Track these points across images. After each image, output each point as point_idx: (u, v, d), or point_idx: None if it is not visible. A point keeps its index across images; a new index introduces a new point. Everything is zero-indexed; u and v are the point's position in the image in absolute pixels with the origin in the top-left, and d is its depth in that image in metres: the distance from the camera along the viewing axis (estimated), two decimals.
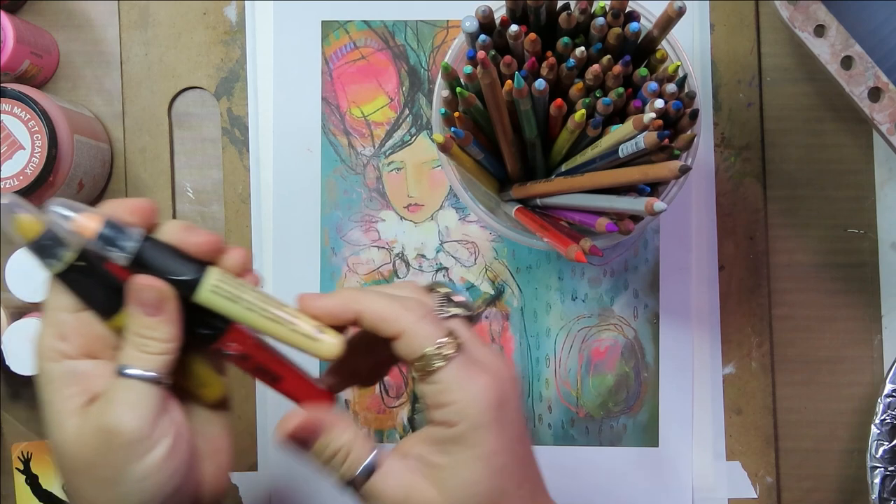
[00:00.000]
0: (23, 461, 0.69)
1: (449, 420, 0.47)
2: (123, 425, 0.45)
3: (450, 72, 0.54)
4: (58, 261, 0.46)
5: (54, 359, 0.47)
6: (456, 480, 0.47)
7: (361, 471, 0.48)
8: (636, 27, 0.52)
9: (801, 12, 0.58)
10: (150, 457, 0.46)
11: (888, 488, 0.65)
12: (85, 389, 0.47)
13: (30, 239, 0.45)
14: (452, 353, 0.47)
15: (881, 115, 0.57)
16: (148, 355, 0.47)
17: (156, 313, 0.47)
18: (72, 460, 0.47)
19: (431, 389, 0.47)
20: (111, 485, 0.46)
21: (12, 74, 0.66)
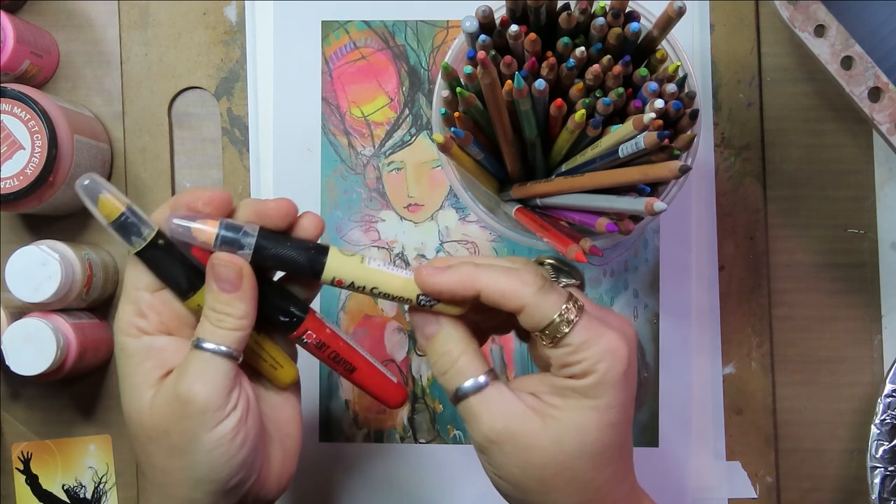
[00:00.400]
0: (23, 461, 0.69)
1: (577, 374, 0.48)
2: (197, 394, 0.48)
3: (450, 72, 0.54)
4: (140, 238, 0.49)
5: (133, 334, 0.50)
6: (566, 423, 0.48)
7: (467, 385, 0.49)
8: (636, 27, 0.52)
9: (801, 12, 0.58)
10: (220, 427, 0.48)
11: (888, 488, 0.65)
12: (161, 363, 0.50)
13: (111, 219, 0.48)
14: (576, 317, 0.48)
15: (881, 115, 0.57)
16: (223, 330, 0.49)
17: (232, 290, 0.49)
18: (147, 429, 0.49)
19: (561, 352, 0.48)
20: (182, 453, 0.48)
21: (12, 74, 0.66)
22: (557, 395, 0.49)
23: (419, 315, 0.50)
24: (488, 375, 0.49)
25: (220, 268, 0.49)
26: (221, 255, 0.49)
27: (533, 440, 0.48)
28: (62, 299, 0.64)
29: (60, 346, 0.63)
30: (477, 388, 0.49)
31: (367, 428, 0.69)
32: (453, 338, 0.50)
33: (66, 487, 0.69)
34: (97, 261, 0.67)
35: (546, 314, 0.48)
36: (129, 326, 0.50)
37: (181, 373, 0.49)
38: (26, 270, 0.63)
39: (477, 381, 0.49)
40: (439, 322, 0.50)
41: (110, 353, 0.69)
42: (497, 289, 0.49)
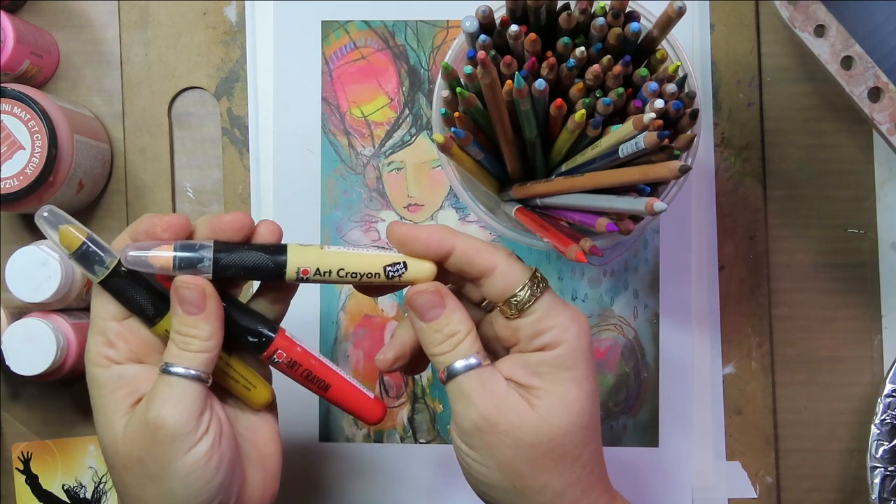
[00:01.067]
0: (23, 461, 0.69)
1: (548, 343, 0.49)
2: (166, 419, 0.47)
3: (450, 72, 0.54)
4: (103, 267, 0.49)
5: (103, 364, 0.50)
6: (552, 398, 0.49)
7: (465, 364, 0.49)
8: (636, 27, 0.52)
9: (801, 12, 0.58)
10: (193, 452, 0.48)
11: (888, 488, 0.65)
12: (132, 391, 0.50)
13: (72, 249, 0.48)
14: (542, 290, 0.50)
15: (881, 115, 0.57)
16: (190, 353, 0.49)
17: (197, 311, 0.49)
18: (122, 458, 0.49)
19: (528, 321, 0.49)
20: (158, 480, 0.48)
21: (12, 74, 0.66)
22: (534, 374, 0.49)
23: (423, 296, 0.50)
24: (481, 356, 0.50)
25: (183, 290, 0.49)
26: (184, 278, 0.49)
27: (523, 419, 0.48)
28: (62, 299, 0.64)
29: (60, 346, 0.63)
30: (471, 367, 0.49)
31: (367, 428, 0.69)
32: (460, 317, 0.50)
33: (66, 487, 0.69)
34: None
35: (518, 278, 0.49)
36: (99, 357, 0.50)
37: (150, 399, 0.48)
38: (26, 270, 0.63)
39: (473, 360, 0.49)
40: (444, 302, 0.50)
41: None
42: (470, 246, 0.50)
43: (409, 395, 0.69)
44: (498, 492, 0.49)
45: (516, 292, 0.49)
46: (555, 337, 0.49)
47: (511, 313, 0.50)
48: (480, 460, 0.49)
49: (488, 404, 0.48)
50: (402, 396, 0.69)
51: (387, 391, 0.69)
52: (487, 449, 0.48)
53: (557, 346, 0.49)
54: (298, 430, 0.68)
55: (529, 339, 0.50)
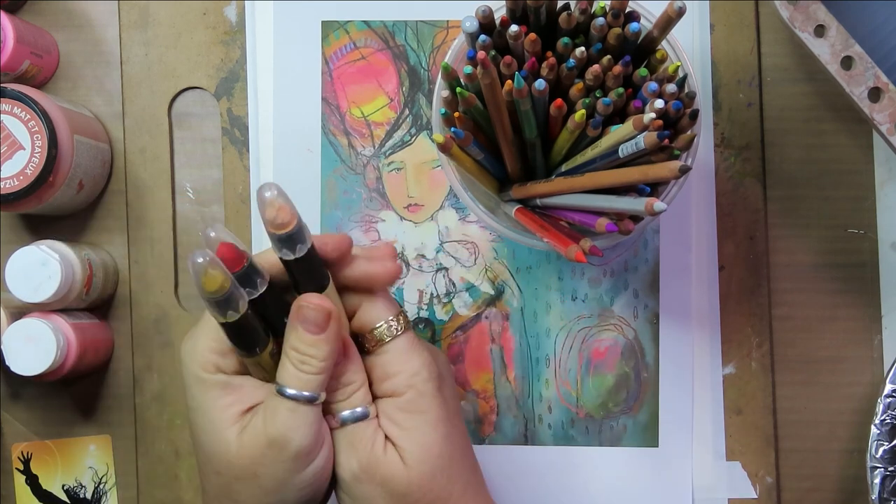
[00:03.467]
0: (23, 461, 0.69)
1: (396, 390, 0.51)
2: (294, 441, 0.49)
3: (450, 72, 0.54)
4: (234, 311, 0.48)
5: (211, 370, 0.51)
6: (413, 447, 0.51)
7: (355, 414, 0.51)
8: (636, 27, 0.52)
9: (801, 12, 0.58)
10: (312, 467, 0.50)
11: (888, 488, 0.65)
12: (241, 399, 0.51)
13: (211, 293, 0.47)
14: (402, 329, 0.52)
15: (881, 115, 0.57)
16: (306, 375, 0.50)
17: (318, 331, 0.50)
18: (235, 469, 0.50)
19: (380, 360, 0.52)
20: (273, 492, 0.50)
21: (12, 74, 0.66)
22: (393, 423, 0.51)
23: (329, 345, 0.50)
24: (370, 407, 0.52)
25: (307, 310, 0.50)
26: (308, 298, 0.50)
27: (394, 471, 0.50)
28: (62, 299, 0.64)
29: (60, 346, 0.63)
30: (360, 417, 0.51)
31: None
32: (356, 367, 0.52)
33: (66, 487, 0.69)
34: (97, 261, 0.67)
35: (377, 316, 0.52)
36: (208, 363, 0.51)
37: (269, 418, 0.50)
38: (26, 270, 0.63)
39: (361, 410, 0.51)
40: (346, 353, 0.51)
41: (110, 353, 0.69)
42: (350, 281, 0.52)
43: None
44: None
45: (373, 328, 0.52)
46: (402, 382, 0.51)
47: (368, 347, 0.52)
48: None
49: (368, 457, 0.50)
50: None
51: None
52: (363, 500, 0.51)
53: (405, 391, 0.51)
54: None
55: (381, 380, 0.52)
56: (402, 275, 0.64)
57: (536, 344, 0.68)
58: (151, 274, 0.69)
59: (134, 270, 0.69)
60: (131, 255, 0.69)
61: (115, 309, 0.70)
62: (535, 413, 0.68)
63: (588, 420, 0.68)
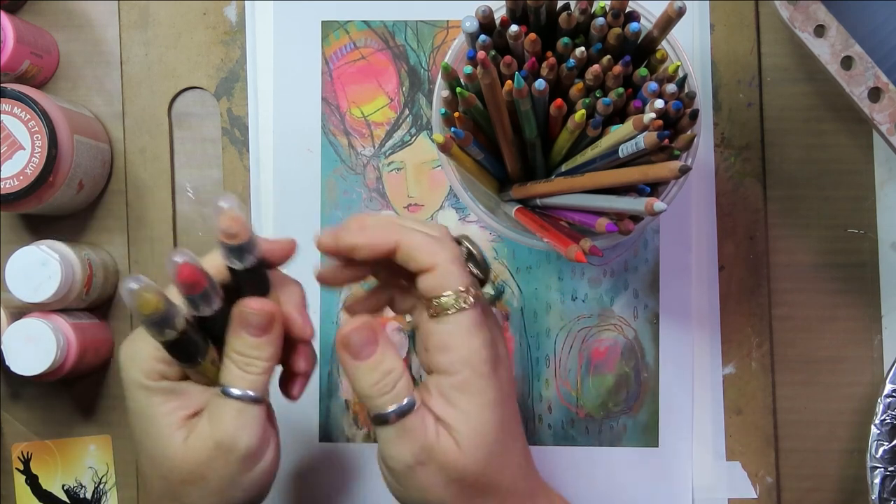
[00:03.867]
0: (23, 461, 0.69)
1: (451, 367, 0.49)
2: (242, 442, 0.49)
3: (450, 72, 0.54)
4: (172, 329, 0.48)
5: (155, 378, 0.51)
6: (467, 430, 0.49)
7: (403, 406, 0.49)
8: (636, 27, 0.52)
9: (801, 12, 0.58)
10: (259, 466, 0.50)
11: (888, 488, 0.65)
12: (185, 405, 0.51)
13: (147, 315, 0.47)
14: (471, 303, 0.49)
15: (881, 115, 0.57)
16: (251, 376, 0.50)
17: (261, 334, 0.50)
18: (182, 472, 0.50)
19: (439, 329, 0.49)
20: (220, 492, 0.50)
21: (12, 74, 0.66)
22: (447, 403, 0.50)
23: (358, 333, 0.50)
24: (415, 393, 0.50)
25: (251, 315, 0.50)
26: (250, 303, 0.50)
27: (450, 458, 0.49)
28: (62, 299, 0.64)
29: (60, 346, 0.63)
30: (409, 409, 0.50)
31: (367, 428, 0.69)
32: (394, 352, 0.50)
33: (66, 487, 0.69)
34: (97, 261, 0.67)
35: (449, 282, 0.49)
36: (152, 371, 0.51)
37: (216, 421, 0.50)
38: (26, 270, 0.63)
39: (409, 401, 0.50)
40: (377, 340, 0.50)
41: (110, 353, 0.69)
42: (415, 243, 0.50)
43: None
44: None
45: (446, 293, 0.50)
46: (459, 360, 0.49)
47: (430, 312, 0.50)
48: (412, 499, 0.50)
49: (423, 446, 0.49)
50: None
51: None
52: (420, 488, 0.50)
53: (461, 370, 0.49)
54: (298, 430, 0.68)
55: (437, 350, 0.50)
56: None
57: (536, 344, 0.68)
58: (151, 274, 0.69)
59: (134, 270, 0.69)
60: (131, 255, 0.69)
61: (115, 309, 0.70)
62: (535, 413, 0.68)
63: (588, 420, 0.68)
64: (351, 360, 0.50)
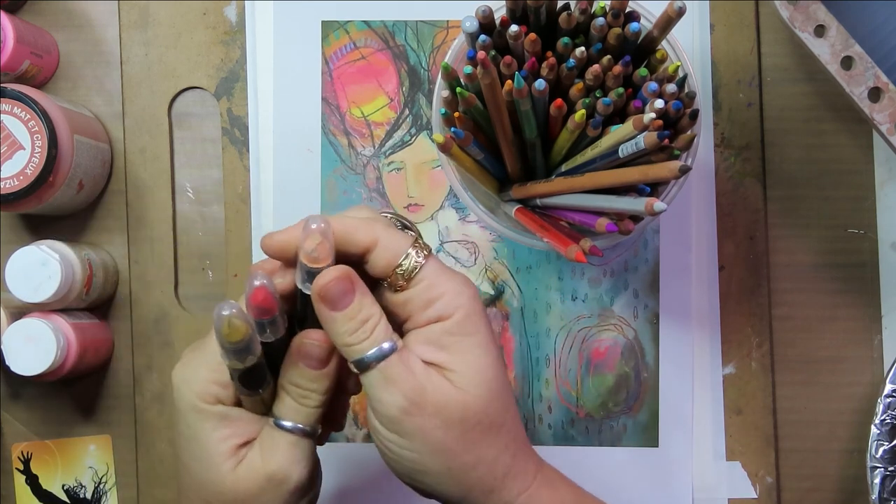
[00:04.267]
0: (23, 461, 0.69)
1: (444, 313, 0.48)
2: (294, 476, 0.49)
3: (450, 72, 0.54)
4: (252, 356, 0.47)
5: (210, 401, 0.49)
6: (465, 370, 0.48)
7: (383, 350, 0.47)
8: (636, 27, 0.52)
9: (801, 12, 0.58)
10: (306, 498, 0.50)
11: (888, 488, 0.65)
12: (237, 434, 0.50)
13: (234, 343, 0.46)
14: (426, 256, 0.48)
15: (881, 115, 0.57)
16: (306, 409, 0.49)
17: (320, 366, 0.49)
18: (226, 499, 0.49)
19: (417, 290, 0.48)
20: None
21: (12, 74, 0.66)
22: (440, 348, 0.48)
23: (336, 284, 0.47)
24: (395, 338, 0.48)
25: (311, 346, 0.49)
26: (311, 334, 0.49)
27: (448, 398, 0.47)
28: (62, 299, 0.64)
29: (60, 346, 0.63)
30: (390, 351, 0.47)
31: (367, 428, 0.69)
32: (370, 300, 0.48)
33: (66, 487, 0.69)
34: (97, 261, 0.67)
35: (400, 246, 0.48)
36: (208, 394, 0.49)
37: (268, 453, 0.49)
38: (26, 270, 0.63)
39: (389, 344, 0.48)
40: (354, 289, 0.48)
41: (110, 354, 0.69)
42: (347, 226, 0.48)
43: None
44: (431, 476, 0.48)
45: (400, 261, 0.48)
46: (448, 303, 0.48)
47: (400, 284, 0.48)
48: (410, 447, 0.48)
49: (413, 387, 0.47)
50: None
51: None
52: (417, 433, 0.47)
53: (454, 312, 0.48)
54: None
55: (422, 308, 0.48)
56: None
57: (536, 344, 0.68)
58: (151, 274, 0.69)
59: (134, 270, 0.69)
60: (131, 255, 0.69)
61: (115, 309, 0.70)
62: (535, 413, 0.68)
63: (588, 420, 0.68)
64: (328, 311, 0.48)
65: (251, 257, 0.69)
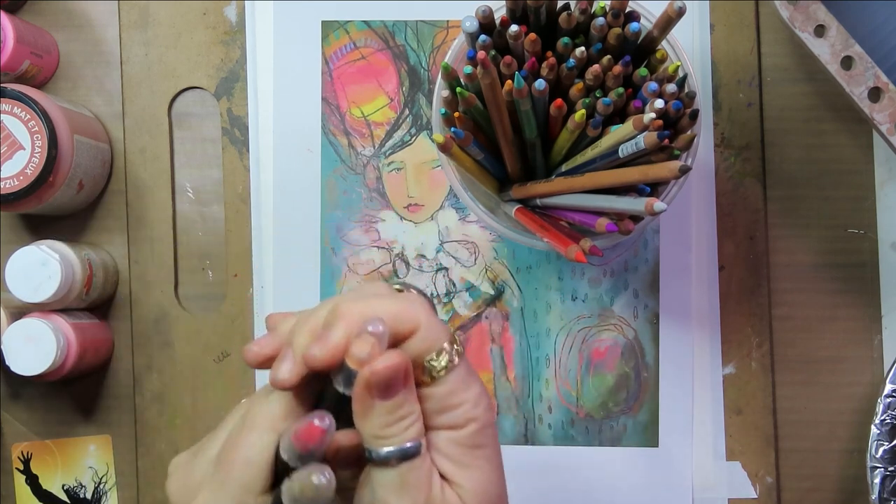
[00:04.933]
0: (23, 461, 0.69)
1: (456, 423, 0.45)
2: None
3: (450, 72, 0.54)
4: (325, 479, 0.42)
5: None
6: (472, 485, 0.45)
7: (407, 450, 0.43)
8: (636, 27, 0.52)
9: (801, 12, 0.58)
10: None
11: (888, 488, 0.65)
12: None
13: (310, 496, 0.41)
14: (459, 356, 0.45)
15: (881, 115, 0.57)
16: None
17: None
18: None
19: (438, 393, 0.44)
20: None
21: (12, 74, 0.66)
22: (447, 458, 0.45)
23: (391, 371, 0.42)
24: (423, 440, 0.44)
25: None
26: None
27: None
28: (62, 299, 0.64)
29: (60, 346, 0.63)
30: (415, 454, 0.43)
31: None
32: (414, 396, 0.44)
33: (66, 487, 0.69)
34: (97, 261, 0.67)
35: (438, 339, 0.44)
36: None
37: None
38: (26, 270, 0.63)
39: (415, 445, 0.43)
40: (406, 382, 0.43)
41: (110, 353, 0.69)
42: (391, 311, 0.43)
43: None
44: None
45: (433, 356, 0.44)
46: (464, 413, 0.44)
47: (423, 380, 0.44)
48: None
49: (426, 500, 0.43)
50: None
51: None
52: None
53: (467, 424, 0.44)
54: None
55: (436, 412, 0.44)
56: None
57: (536, 344, 0.68)
58: (151, 274, 0.69)
59: (134, 270, 0.69)
60: (131, 255, 0.69)
61: (115, 309, 0.70)
62: (536, 413, 0.68)
63: (588, 420, 0.68)
64: (370, 399, 0.43)
65: (251, 257, 0.69)
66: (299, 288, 0.68)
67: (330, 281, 0.69)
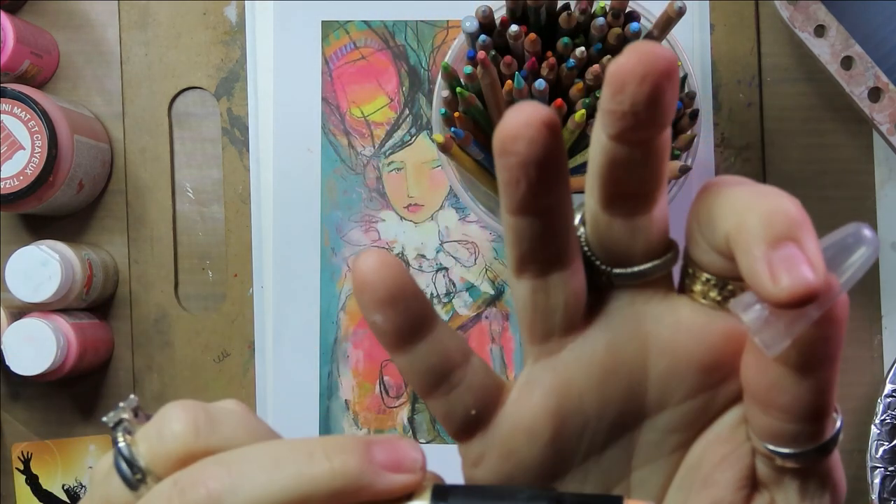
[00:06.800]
0: (23, 461, 0.69)
1: None
2: None
3: (450, 72, 0.54)
4: None
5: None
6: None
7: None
8: (636, 27, 0.52)
9: (801, 12, 0.58)
10: None
11: (888, 488, 0.65)
12: None
13: None
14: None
15: (881, 115, 0.58)
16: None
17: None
18: None
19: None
20: None
21: (12, 74, 0.66)
22: None
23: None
24: None
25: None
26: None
27: None
28: (62, 299, 0.64)
29: (60, 346, 0.63)
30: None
31: (367, 428, 0.69)
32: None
33: (66, 487, 0.69)
34: (97, 261, 0.67)
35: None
36: None
37: None
38: (26, 270, 0.63)
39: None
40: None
41: (110, 353, 0.69)
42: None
43: (409, 395, 0.69)
44: None
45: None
46: None
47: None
48: None
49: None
50: (402, 396, 0.69)
51: (387, 391, 0.69)
52: None
53: None
54: (298, 430, 0.68)
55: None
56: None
57: None
58: (151, 274, 0.69)
59: (134, 270, 0.69)
60: (131, 255, 0.69)
61: (115, 309, 0.70)
62: None
63: None
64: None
65: (251, 257, 0.69)
66: (299, 288, 0.68)
67: (330, 281, 0.69)
